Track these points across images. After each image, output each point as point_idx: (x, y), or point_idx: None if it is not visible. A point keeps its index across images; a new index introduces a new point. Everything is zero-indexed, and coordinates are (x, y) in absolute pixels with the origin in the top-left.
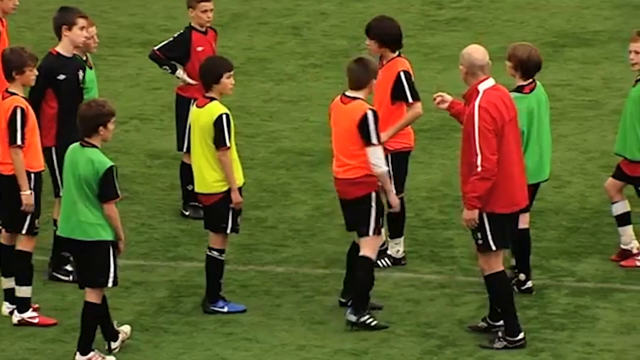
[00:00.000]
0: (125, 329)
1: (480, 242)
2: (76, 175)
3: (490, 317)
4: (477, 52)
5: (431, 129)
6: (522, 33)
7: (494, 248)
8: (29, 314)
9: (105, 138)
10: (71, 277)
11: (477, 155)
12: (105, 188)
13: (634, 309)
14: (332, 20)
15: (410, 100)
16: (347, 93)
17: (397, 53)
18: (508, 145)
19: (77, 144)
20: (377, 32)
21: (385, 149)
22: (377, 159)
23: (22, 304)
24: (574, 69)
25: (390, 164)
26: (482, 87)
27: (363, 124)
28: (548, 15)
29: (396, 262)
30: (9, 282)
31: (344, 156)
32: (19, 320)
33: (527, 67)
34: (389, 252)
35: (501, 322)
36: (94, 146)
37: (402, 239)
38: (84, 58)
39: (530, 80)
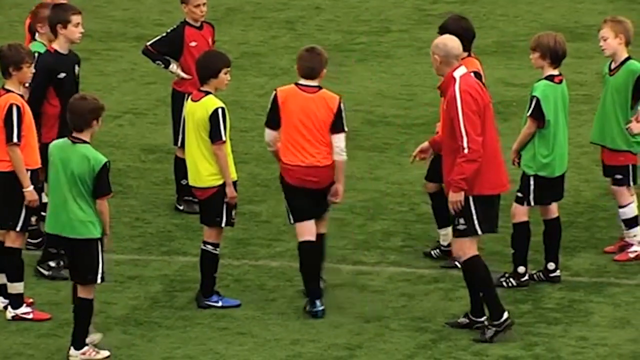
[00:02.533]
0: (96, 337)
1: (462, 227)
2: (69, 172)
3: (473, 313)
4: (452, 41)
5: (425, 123)
6: (516, 27)
7: (479, 232)
8: (23, 309)
9: (94, 132)
10: (51, 273)
11: (462, 137)
12: (100, 184)
13: (628, 303)
14: (326, 14)
15: None
16: (305, 82)
17: (467, 53)
18: (490, 126)
19: (64, 140)
20: (454, 31)
21: None
22: (344, 146)
23: (15, 300)
24: (567, 63)
25: None
26: (457, 74)
27: (339, 111)
28: (542, 10)
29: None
30: (2, 278)
31: (319, 143)
32: (13, 316)
33: (556, 54)
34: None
35: (484, 318)
36: (85, 142)
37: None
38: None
39: (559, 72)
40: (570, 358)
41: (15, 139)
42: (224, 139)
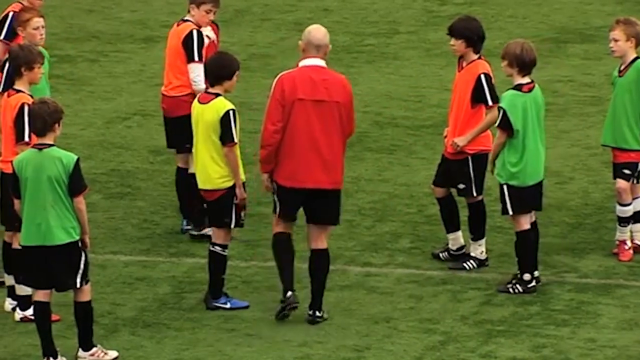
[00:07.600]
0: None
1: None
2: (45, 179)
3: (310, 306)
4: (318, 31)
5: (433, 124)
6: (525, 29)
7: (276, 212)
8: (32, 311)
9: (57, 136)
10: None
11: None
12: (76, 181)
13: (637, 305)
14: (334, 16)
15: (490, 103)
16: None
17: (478, 55)
18: (296, 122)
19: (32, 150)
20: (465, 32)
21: (464, 152)
22: (195, 76)
23: (24, 302)
24: (576, 64)
25: (470, 166)
26: (301, 63)
27: (187, 41)
28: (550, 11)
29: (481, 263)
30: (11, 279)
31: (174, 72)
32: (21, 318)
33: (523, 62)
34: (472, 254)
35: (323, 314)
36: (51, 145)
37: (484, 240)
38: None
39: (530, 80)
40: None
41: (26, 138)
42: (235, 140)
